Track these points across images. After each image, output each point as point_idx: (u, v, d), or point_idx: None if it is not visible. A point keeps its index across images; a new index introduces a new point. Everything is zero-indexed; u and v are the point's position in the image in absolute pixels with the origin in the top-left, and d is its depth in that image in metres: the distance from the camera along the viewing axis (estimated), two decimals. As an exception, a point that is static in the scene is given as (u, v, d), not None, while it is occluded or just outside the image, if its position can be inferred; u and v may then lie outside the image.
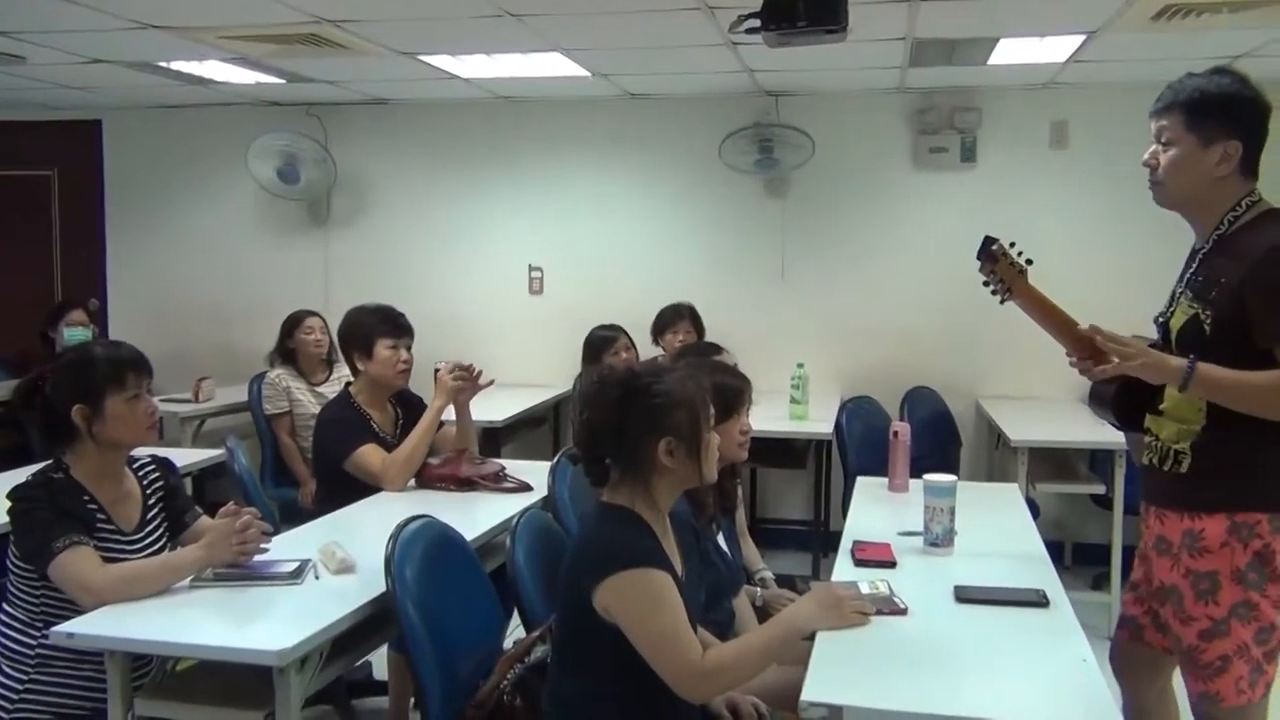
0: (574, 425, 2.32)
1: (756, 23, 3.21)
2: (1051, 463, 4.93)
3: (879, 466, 4.70)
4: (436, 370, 4.98)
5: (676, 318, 5.43)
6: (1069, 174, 5.70)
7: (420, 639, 2.32)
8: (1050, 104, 5.68)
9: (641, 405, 2.18)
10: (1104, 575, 4.85)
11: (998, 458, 5.63)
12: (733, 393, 2.75)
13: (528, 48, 4.67)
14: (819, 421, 5.13)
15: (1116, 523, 4.65)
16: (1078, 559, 5.68)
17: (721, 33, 4.27)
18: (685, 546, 2.41)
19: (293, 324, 5.34)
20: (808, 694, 1.89)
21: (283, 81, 5.55)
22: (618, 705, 2.18)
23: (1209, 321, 2.33)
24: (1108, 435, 4.76)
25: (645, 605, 2.09)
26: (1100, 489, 4.87)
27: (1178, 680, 2.52)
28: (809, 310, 6.02)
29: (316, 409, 5.19)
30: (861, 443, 5.09)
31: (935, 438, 5.37)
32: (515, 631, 2.68)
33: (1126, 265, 5.39)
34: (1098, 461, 5.12)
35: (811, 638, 2.19)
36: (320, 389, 5.28)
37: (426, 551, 2.48)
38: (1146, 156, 2.44)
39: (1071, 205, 5.67)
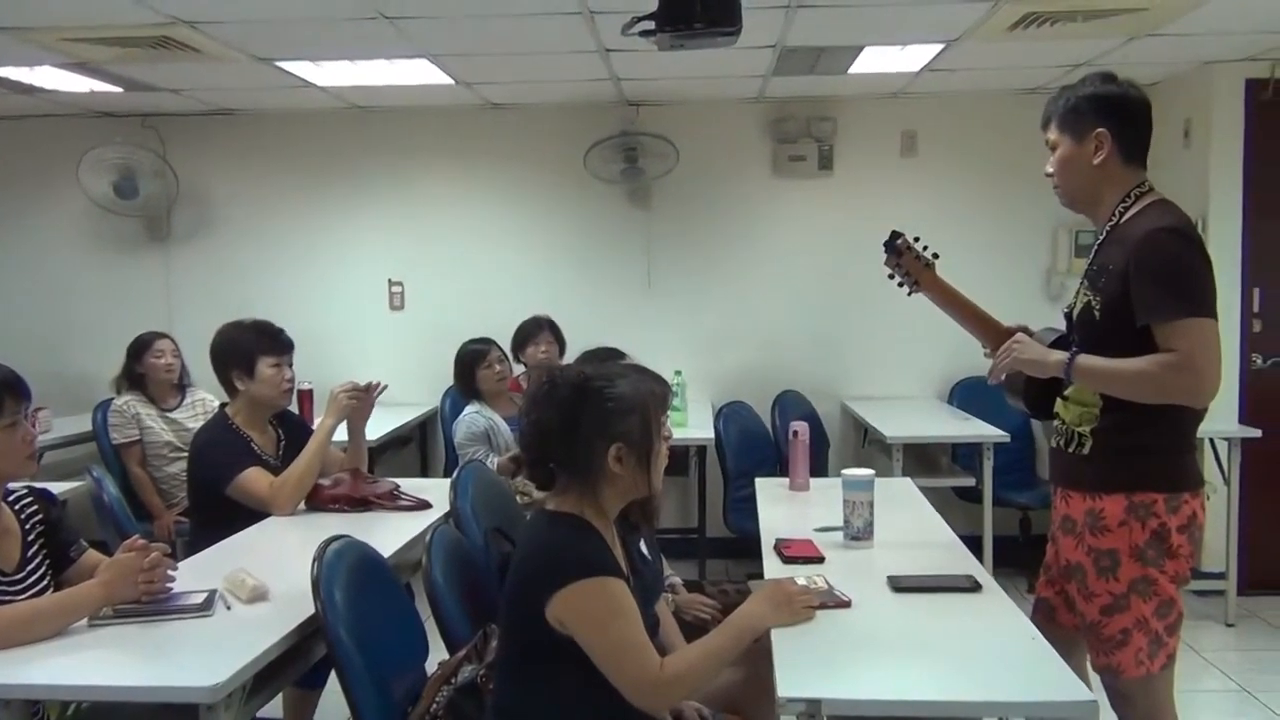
0: (520, 427, 2.23)
1: (650, 25, 3.18)
2: (916, 458, 5.08)
3: (756, 468, 4.77)
4: (299, 391, 4.77)
5: (537, 329, 5.26)
6: (919, 180, 5.90)
7: (355, 665, 2.18)
8: (900, 114, 5.88)
9: (594, 408, 2.11)
10: (973, 564, 5.04)
11: (864, 456, 5.76)
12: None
13: (395, 54, 4.52)
14: (697, 428, 5.15)
15: (986, 513, 4.84)
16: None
17: (596, 39, 4.24)
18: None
19: (141, 347, 4.99)
20: (783, 690, 1.86)
21: (119, 90, 5.21)
22: (569, 719, 2.10)
23: (1099, 307, 2.45)
24: (974, 429, 5.02)
25: (603, 616, 2.02)
26: (969, 481, 5.05)
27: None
28: (676, 318, 6.03)
29: (169, 436, 4.91)
30: (739, 446, 5.15)
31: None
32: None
33: (975, 266, 5.56)
34: (960, 455, 5.33)
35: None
36: (173, 415, 4.98)
37: (351, 573, 2.34)
38: (1046, 167, 2.61)
39: (922, 211, 5.85)
